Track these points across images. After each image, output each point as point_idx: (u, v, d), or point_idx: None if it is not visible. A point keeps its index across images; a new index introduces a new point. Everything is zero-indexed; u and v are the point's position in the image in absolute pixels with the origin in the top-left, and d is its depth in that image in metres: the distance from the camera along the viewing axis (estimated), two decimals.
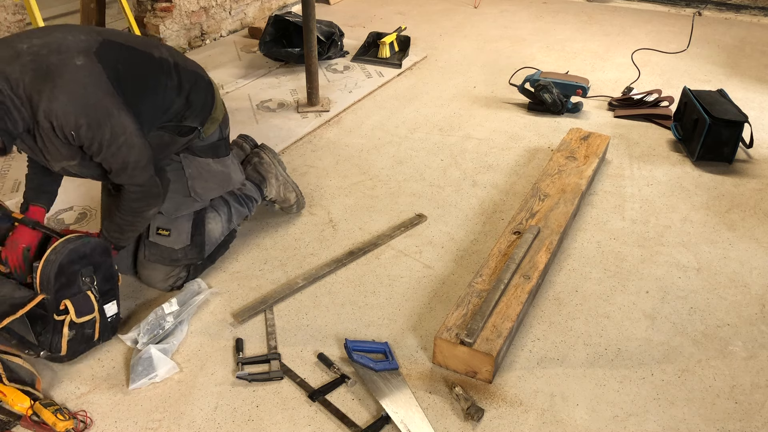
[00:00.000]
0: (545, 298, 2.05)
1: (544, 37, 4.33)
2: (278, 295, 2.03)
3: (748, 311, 2.01)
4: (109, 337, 1.86)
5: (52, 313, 1.68)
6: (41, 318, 1.70)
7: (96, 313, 1.77)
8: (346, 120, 3.19)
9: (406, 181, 2.68)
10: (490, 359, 1.69)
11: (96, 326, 1.79)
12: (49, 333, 1.70)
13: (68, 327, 1.71)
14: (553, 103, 3.20)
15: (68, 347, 1.73)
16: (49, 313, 1.69)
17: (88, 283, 1.74)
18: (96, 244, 1.78)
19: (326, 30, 3.76)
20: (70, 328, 1.72)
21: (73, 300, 1.71)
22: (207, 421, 1.64)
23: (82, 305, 1.73)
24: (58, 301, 1.68)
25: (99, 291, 1.77)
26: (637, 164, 2.81)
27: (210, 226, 2.09)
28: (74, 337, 1.74)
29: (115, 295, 1.84)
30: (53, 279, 1.66)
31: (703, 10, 4.85)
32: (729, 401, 1.70)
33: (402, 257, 2.23)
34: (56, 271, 1.66)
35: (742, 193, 2.61)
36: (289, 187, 2.37)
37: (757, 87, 3.56)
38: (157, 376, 1.73)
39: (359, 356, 1.77)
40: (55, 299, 1.68)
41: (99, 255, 1.78)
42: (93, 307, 1.76)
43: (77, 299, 1.72)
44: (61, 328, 1.71)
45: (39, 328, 1.70)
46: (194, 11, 4.04)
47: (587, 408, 1.68)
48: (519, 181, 2.69)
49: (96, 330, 1.79)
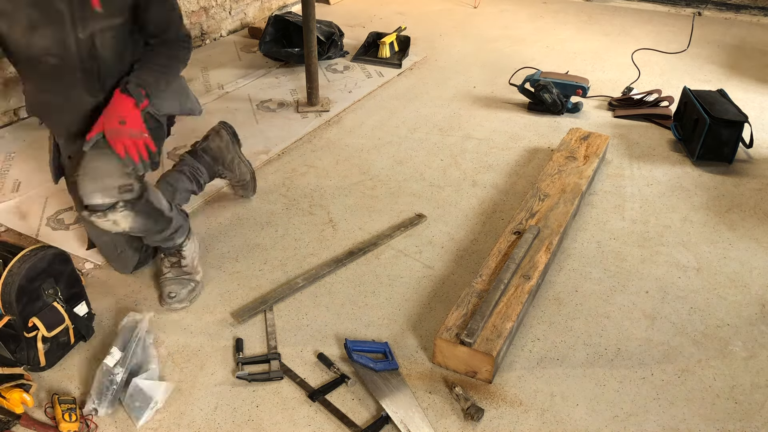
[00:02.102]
0: (545, 298, 2.05)
1: (544, 37, 4.33)
2: (278, 295, 2.03)
3: (748, 311, 2.01)
4: (89, 334, 1.86)
5: (21, 332, 1.68)
6: (12, 337, 1.70)
7: (67, 321, 1.76)
8: (346, 120, 3.19)
9: (406, 181, 2.68)
10: (490, 359, 1.69)
11: (70, 332, 1.79)
12: (23, 350, 1.70)
13: (41, 342, 1.71)
14: (553, 103, 3.20)
15: (46, 358, 1.74)
16: (19, 332, 1.68)
17: (52, 294, 1.73)
18: (52, 255, 1.73)
19: (326, 30, 3.76)
20: (44, 342, 1.72)
21: (41, 315, 1.69)
22: (207, 421, 1.64)
23: (51, 318, 1.72)
24: (25, 320, 1.67)
25: (65, 299, 1.77)
26: (637, 164, 2.81)
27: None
28: (50, 348, 1.75)
29: (83, 296, 1.84)
30: (15, 301, 1.64)
31: (703, 10, 4.85)
32: (729, 401, 1.70)
33: (402, 257, 2.23)
34: (17, 292, 1.63)
35: (742, 193, 2.61)
36: (242, 164, 2.39)
37: (757, 87, 3.56)
38: (157, 403, 1.66)
39: (359, 356, 1.77)
40: (21, 319, 1.66)
41: (58, 264, 1.75)
42: (62, 317, 1.75)
43: (44, 314, 1.70)
44: (34, 344, 1.70)
45: (12, 346, 1.71)
46: (194, 11, 4.04)
47: (587, 408, 1.68)
48: (519, 181, 2.69)
49: (71, 335, 1.80)
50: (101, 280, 2.11)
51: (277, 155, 2.85)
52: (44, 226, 2.36)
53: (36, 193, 2.54)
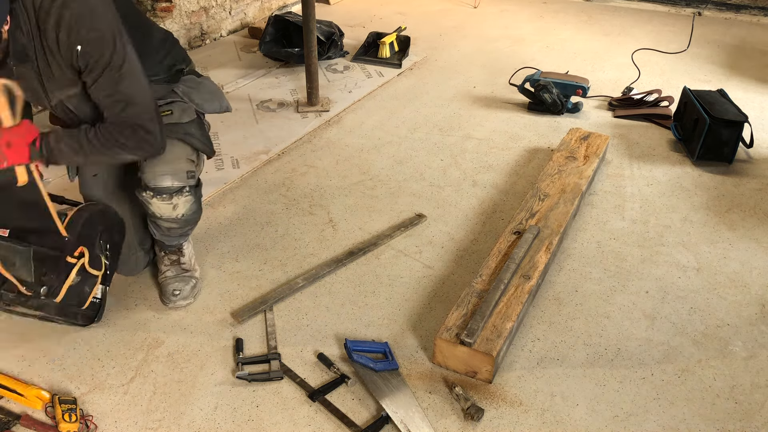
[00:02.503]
0: (545, 298, 2.05)
1: (544, 37, 4.33)
2: (278, 295, 2.03)
3: (748, 311, 2.01)
4: (91, 318, 1.87)
5: (66, 255, 1.72)
6: (51, 259, 1.72)
7: (100, 277, 1.82)
8: (346, 120, 3.19)
9: (406, 181, 2.68)
10: (490, 359, 1.69)
11: (94, 289, 1.82)
12: (54, 273, 1.72)
13: (76, 273, 1.74)
14: (553, 103, 3.20)
15: (64, 296, 1.74)
16: (64, 253, 1.72)
17: (102, 247, 1.81)
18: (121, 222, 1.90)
19: (326, 30, 3.76)
20: (78, 273, 1.75)
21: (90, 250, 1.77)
22: (207, 421, 1.64)
23: (94, 261, 1.79)
24: (76, 245, 1.74)
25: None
26: (637, 164, 2.81)
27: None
28: (74, 287, 1.76)
29: (107, 280, 1.89)
30: (80, 225, 1.74)
31: (703, 10, 4.85)
32: (729, 401, 1.70)
33: (402, 257, 2.23)
34: (85, 219, 1.76)
35: (742, 193, 2.61)
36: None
37: (757, 87, 3.56)
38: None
39: (359, 356, 1.77)
40: (76, 242, 1.74)
41: (116, 232, 1.91)
42: (101, 267, 1.82)
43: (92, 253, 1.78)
44: (69, 271, 1.73)
45: (45, 269, 1.72)
46: (194, 11, 4.04)
47: (587, 408, 1.68)
48: (519, 181, 2.69)
49: (89, 296, 1.81)
50: None
51: (277, 155, 2.86)
52: None
53: None
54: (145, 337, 1.89)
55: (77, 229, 1.75)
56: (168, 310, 1.98)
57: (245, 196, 2.57)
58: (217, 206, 2.50)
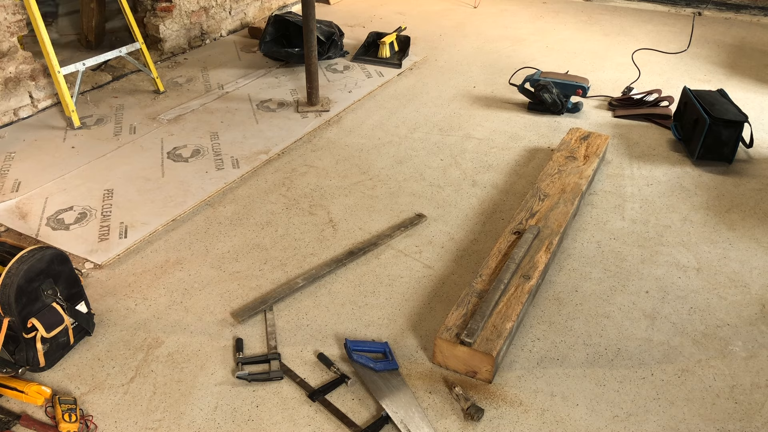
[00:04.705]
0: (545, 298, 2.04)
1: (544, 37, 4.33)
2: (278, 295, 2.03)
3: (748, 311, 2.01)
4: (89, 333, 1.87)
5: (20, 333, 1.68)
6: (11, 338, 1.70)
7: (66, 321, 1.77)
8: (346, 120, 3.19)
9: (406, 181, 2.68)
10: (490, 359, 1.69)
11: (69, 332, 1.79)
12: (23, 351, 1.71)
13: (41, 342, 1.72)
14: (553, 103, 3.20)
15: (46, 359, 1.75)
16: (18, 333, 1.69)
17: (51, 295, 1.74)
18: (51, 256, 1.74)
19: (326, 30, 3.76)
20: (43, 342, 1.72)
21: (39, 316, 1.70)
22: (207, 421, 1.64)
23: (50, 318, 1.73)
24: (24, 321, 1.68)
25: (64, 299, 1.77)
26: (637, 164, 2.81)
27: None
28: (49, 349, 1.75)
29: (82, 296, 1.85)
30: (14, 302, 1.65)
31: (703, 10, 4.85)
32: (729, 401, 1.70)
33: (402, 257, 2.23)
34: (15, 293, 1.65)
35: (742, 193, 2.61)
36: None
37: (757, 87, 3.56)
38: None
39: (359, 356, 1.77)
40: (20, 320, 1.67)
41: (57, 265, 1.76)
42: (62, 317, 1.76)
43: (43, 314, 1.72)
44: (33, 344, 1.71)
45: (11, 348, 1.71)
46: (194, 11, 4.04)
47: (587, 408, 1.68)
48: (519, 181, 2.69)
49: (70, 336, 1.80)
50: (101, 280, 2.11)
51: (277, 155, 2.85)
52: (44, 226, 2.36)
53: (36, 193, 2.54)
54: (145, 337, 1.89)
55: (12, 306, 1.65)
56: (168, 310, 1.98)
57: (245, 196, 2.57)
58: (217, 206, 2.50)
